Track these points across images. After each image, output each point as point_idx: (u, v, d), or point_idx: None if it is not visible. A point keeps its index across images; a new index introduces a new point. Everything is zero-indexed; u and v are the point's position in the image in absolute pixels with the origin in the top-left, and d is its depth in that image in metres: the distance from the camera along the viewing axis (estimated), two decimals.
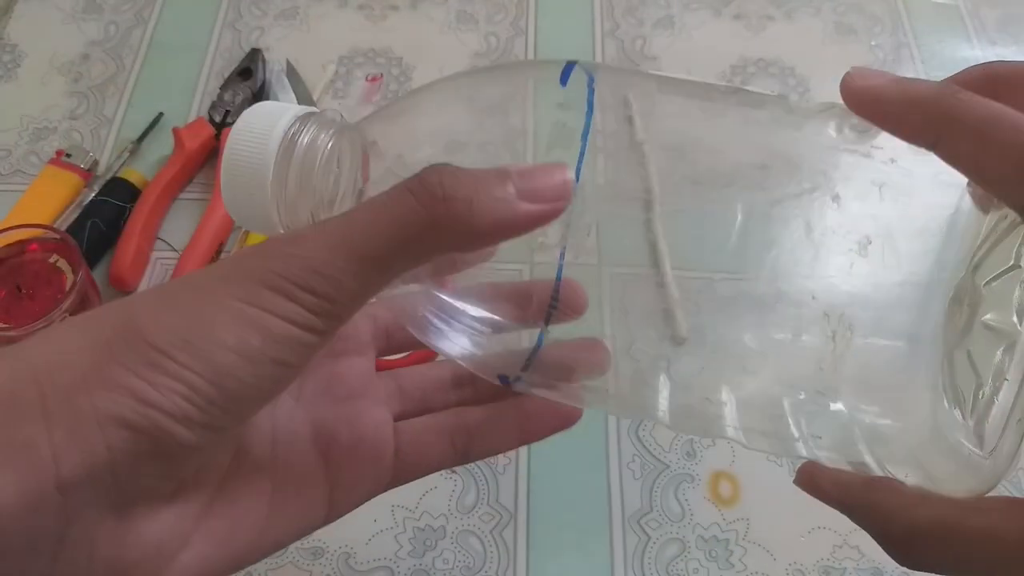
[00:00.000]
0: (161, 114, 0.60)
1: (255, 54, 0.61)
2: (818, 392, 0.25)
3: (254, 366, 0.21)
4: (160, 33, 0.64)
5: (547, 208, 0.22)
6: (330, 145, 0.26)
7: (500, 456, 0.47)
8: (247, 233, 0.53)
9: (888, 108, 0.22)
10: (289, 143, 0.26)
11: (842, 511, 0.23)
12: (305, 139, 0.26)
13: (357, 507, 0.29)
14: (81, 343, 0.21)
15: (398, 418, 0.31)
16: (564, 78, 0.25)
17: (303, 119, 0.27)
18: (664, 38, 0.65)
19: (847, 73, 0.23)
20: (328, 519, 0.28)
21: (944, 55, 0.64)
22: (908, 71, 0.63)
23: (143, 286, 0.53)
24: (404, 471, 0.30)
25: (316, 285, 0.21)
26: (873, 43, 0.65)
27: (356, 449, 0.29)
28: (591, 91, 0.25)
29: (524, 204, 0.21)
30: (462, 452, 0.30)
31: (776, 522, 0.44)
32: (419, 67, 0.62)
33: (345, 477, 0.28)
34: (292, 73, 0.60)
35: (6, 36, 0.64)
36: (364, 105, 0.60)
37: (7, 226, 0.49)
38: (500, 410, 0.31)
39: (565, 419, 0.30)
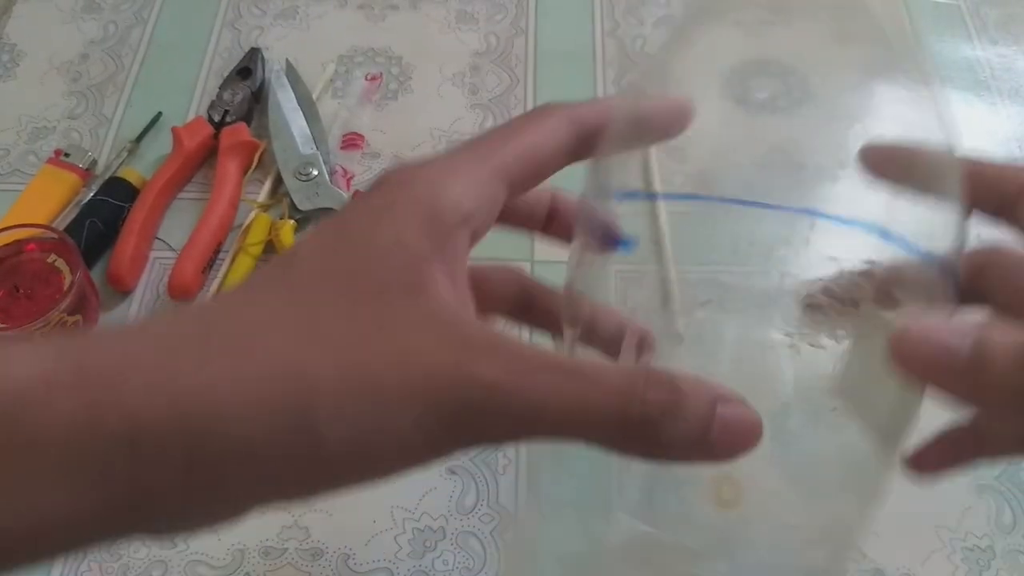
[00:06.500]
0: (160, 113, 0.59)
1: (254, 53, 0.61)
2: None
3: None
4: (159, 33, 0.64)
5: (732, 454, 0.20)
6: None
7: (500, 456, 0.47)
8: (247, 232, 0.53)
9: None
10: None
11: None
12: None
13: None
14: None
15: None
16: None
17: None
18: (664, 37, 0.64)
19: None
20: None
21: (945, 54, 0.64)
22: None
23: (141, 286, 0.53)
24: None
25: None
26: None
27: None
28: None
29: (718, 450, 0.20)
30: None
31: None
32: (419, 67, 0.62)
33: None
34: (291, 72, 0.60)
35: (5, 35, 0.64)
36: (364, 105, 0.60)
37: (5, 226, 0.49)
38: None
39: None
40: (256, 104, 0.59)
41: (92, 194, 0.55)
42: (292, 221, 0.54)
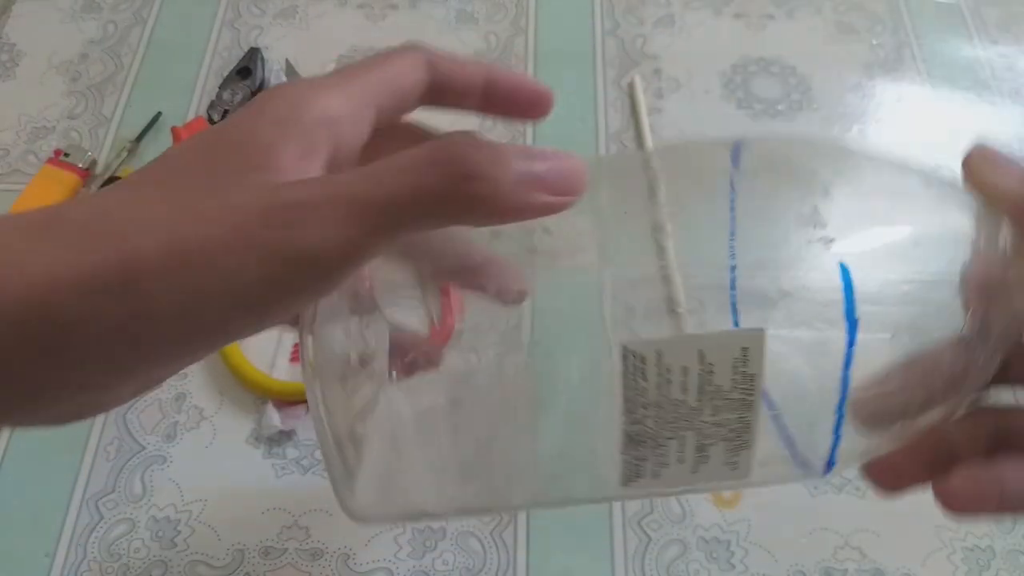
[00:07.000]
0: (160, 113, 0.59)
1: (254, 53, 0.61)
2: None
3: None
4: (159, 32, 0.64)
5: (564, 201, 0.22)
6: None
7: None
8: None
9: None
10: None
11: None
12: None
13: None
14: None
15: None
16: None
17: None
18: (664, 37, 0.64)
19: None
20: None
21: (945, 54, 0.64)
22: (909, 70, 0.63)
23: None
24: None
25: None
26: (874, 42, 0.64)
27: None
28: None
29: (544, 196, 0.21)
30: None
31: (777, 523, 0.44)
32: None
33: None
34: (291, 72, 0.60)
35: (5, 35, 0.64)
36: None
37: None
38: None
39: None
40: None
41: None
42: None
